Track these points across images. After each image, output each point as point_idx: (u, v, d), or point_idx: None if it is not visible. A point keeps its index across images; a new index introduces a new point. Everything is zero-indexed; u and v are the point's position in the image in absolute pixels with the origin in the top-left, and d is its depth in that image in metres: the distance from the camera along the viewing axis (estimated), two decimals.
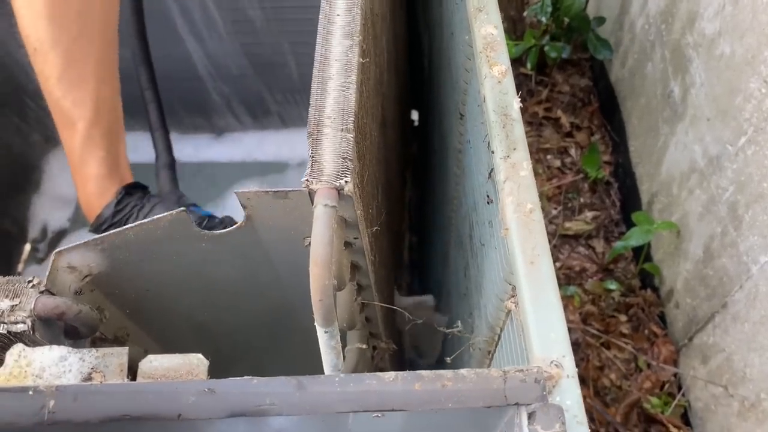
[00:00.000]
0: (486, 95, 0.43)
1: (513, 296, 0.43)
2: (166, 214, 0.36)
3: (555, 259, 1.46)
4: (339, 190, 0.39)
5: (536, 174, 1.59)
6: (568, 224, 1.50)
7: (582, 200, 1.55)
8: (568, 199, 1.54)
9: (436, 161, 1.05)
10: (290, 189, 0.38)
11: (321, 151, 0.40)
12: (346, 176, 0.39)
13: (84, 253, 0.37)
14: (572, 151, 1.61)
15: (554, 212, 1.53)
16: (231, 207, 1.54)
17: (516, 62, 1.71)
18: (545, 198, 1.54)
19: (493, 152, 0.41)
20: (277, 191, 0.38)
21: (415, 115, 1.59)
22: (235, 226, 0.41)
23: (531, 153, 1.59)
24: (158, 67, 1.39)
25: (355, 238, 0.44)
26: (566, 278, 1.43)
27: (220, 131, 1.72)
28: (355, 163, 0.41)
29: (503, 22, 1.73)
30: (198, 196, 1.58)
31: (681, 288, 1.26)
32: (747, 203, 1.02)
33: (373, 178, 0.55)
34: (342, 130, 0.41)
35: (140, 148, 1.04)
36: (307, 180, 0.39)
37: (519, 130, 0.41)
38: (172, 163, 0.77)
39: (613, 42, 1.57)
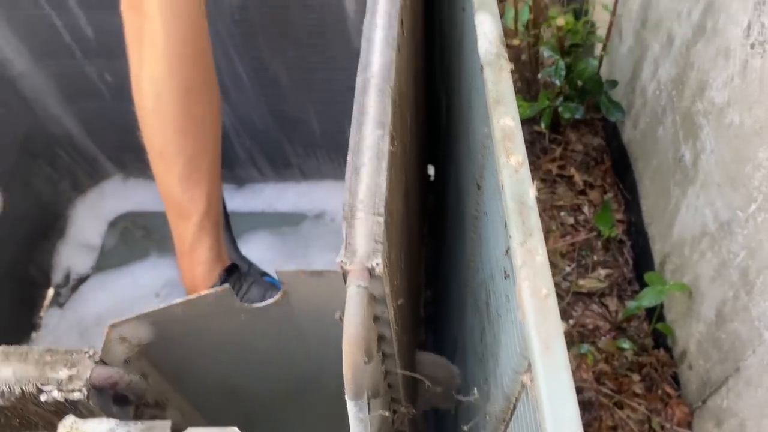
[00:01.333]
0: (504, 183, 0.46)
1: (528, 371, 0.45)
2: (211, 291, 0.40)
3: (569, 317, 1.47)
4: (370, 271, 0.42)
5: (550, 231, 1.62)
6: (581, 282, 1.52)
7: (595, 258, 1.57)
8: (581, 257, 1.57)
9: (451, 219, 1.09)
10: (325, 269, 0.41)
11: (354, 234, 0.44)
12: (377, 258, 0.42)
13: (136, 326, 0.40)
14: (585, 209, 1.64)
15: (568, 269, 1.55)
16: (249, 256, 1.58)
17: (530, 121, 1.76)
18: (559, 255, 1.56)
19: (510, 237, 0.44)
20: (314, 271, 0.41)
21: (431, 170, 1.64)
22: (272, 300, 0.44)
23: (545, 209, 1.63)
24: None
25: (382, 312, 0.47)
26: (580, 336, 1.44)
27: (242, 182, 1.77)
28: (385, 243, 0.45)
29: (518, 82, 1.79)
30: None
31: (694, 350, 1.27)
32: (758, 269, 1.04)
33: (398, 249, 0.58)
34: (374, 213, 0.44)
35: None
36: (341, 261, 0.42)
37: (534, 217, 0.44)
38: (228, 223, 0.84)
39: (625, 104, 1.62)
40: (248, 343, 0.45)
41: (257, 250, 1.62)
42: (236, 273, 0.75)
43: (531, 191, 0.45)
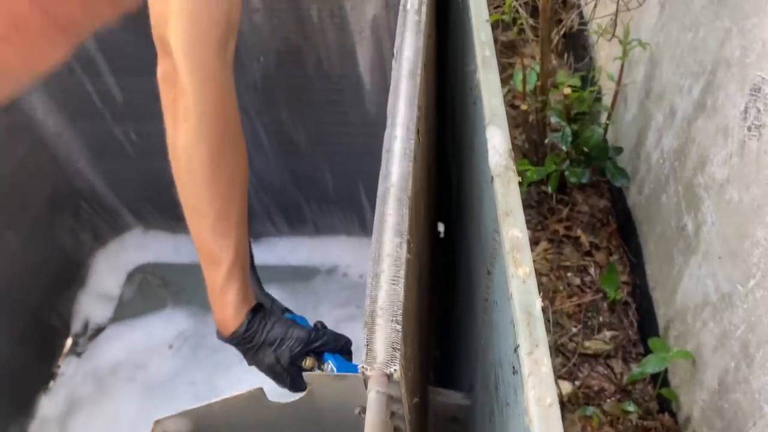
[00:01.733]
0: (513, 293, 0.51)
1: None
2: (244, 392, 0.44)
3: (575, 378, 1.50)
4: (389, 377, 0.47)
5: (557, 291, 1.66)
6: (587, 343, 1.55)
7: (601, 319, 1.60)
8: (587, 318, 1.60)
9: (463, 288, 1.13)
10: (348, 374, 0.46)
11: (374, 340, 0.48)
12: (395, 364, 0.47)
13: (177, 421, 0.45)
14: (591, 270, 1.68)
15: (574, 330, 1.58)
16: None
17: (538, 182, 1.82)
18: (566, 316, 1.60)
19: (518, 345, 0.49)
20: (337, 375, 0.46)
21: (441, 227, 1.68)
22: (299, 397, 0.48)
23: (552, 269, 1.67)
24: None
25: (398, 409, 0.52)
26: (585, 398, 1.46)
27: (258, 235, 1.83)
28: (403, 348, 0.49)
29: (525, 144, 1.84)
30: None
31: (698, 417, 1.29)
32: (758, 343, 1.07)
33: (412, 344, 0.62)
34: (392, 321, 0.49)
35: None
36: (362, 366, 0.47)
37: (540, 328, 0.49)
38: (253, 264, 0.91)
39: (630, 169, 1.67)
40: None
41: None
42: (261, 312, 0.83)
43: (537, 302, 0.50)
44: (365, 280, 1.63)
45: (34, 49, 0.83)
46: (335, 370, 0.78)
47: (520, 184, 1.69)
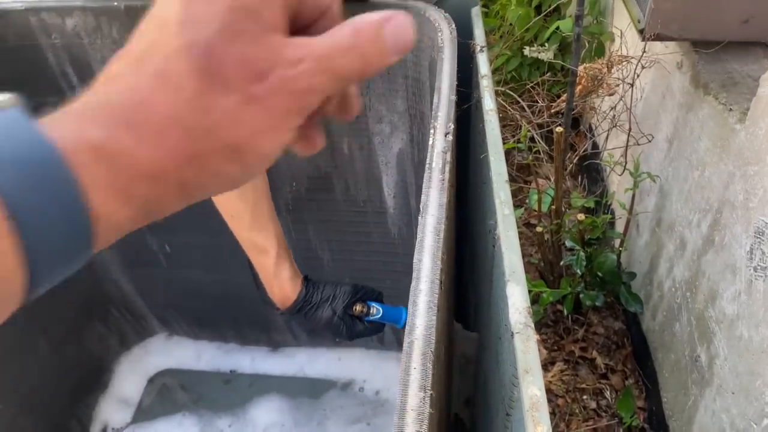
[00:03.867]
0: None
1: None
2: None
3: None
4: None
5: (573, 414, 1.66)
6: None
7: None
8: None
9: (482, 424, 1.15)
10: None
11: None
12: None
13: None
14: (607, 394, 1.68)
15: None
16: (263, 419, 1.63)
17: (554, 302, 1.86)
18: None
19: None
20: None
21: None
22: None
23: (568, 392, 1.67)
24: (230, 290, 1.58)
25: None
26: None
27: (277, 345, 1.87)
28: None
29: (540, 263, 1.90)
30: (250, 406, 1.68)
31: None
32: None
33: None
34: None
35: None
36: None
37: None
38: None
39: (643, 294, 1.71)
40: None
41: (271, 414, 1.69)
42: (310, 280, 1.01)
43: None
44: (380, 396, 1.64)
45: None
46: (380, 310, 1.03)
47: (536, 303, 1.73)
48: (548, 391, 1.71)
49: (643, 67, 1.60)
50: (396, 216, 1.50)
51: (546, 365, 1.74)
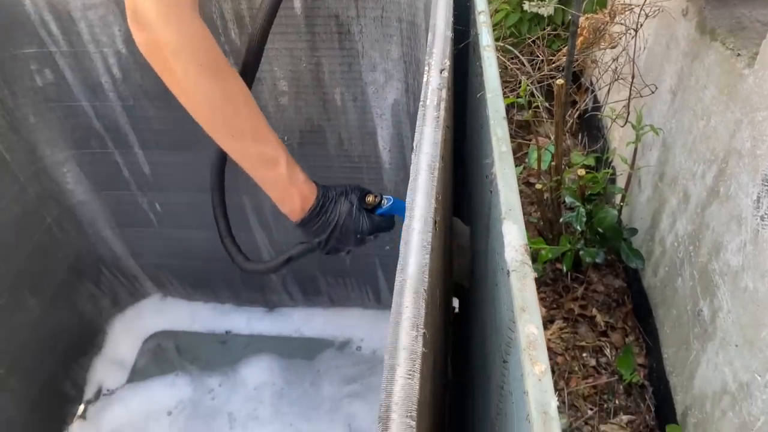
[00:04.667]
0: (528, 391, 0.52)
1: None
2: None
3: None
4: None
5: (572, 371, 1.64)
6: (603, 427, 1.52)
7: (617, 402, 1.57)
8: (603, 401, 1.57)
9: (477, 370, 1.12)
10: None
11: None
12: None
13: None
14: (607, 351, 1.66)
15: (590, 413, 1.55)
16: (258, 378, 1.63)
17: (553, 260, 1.82)
18: (581, 398, 1.57)
19: None
20: None
21: (455, 302, 1.69)
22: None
23: (567, 349, 1.65)
24: (223, 249, 1.55)
25: None
26: None
27: (273, 305, 1.84)
28: None
29: (540, 221, 1.86)
30: (241, 366, 1.67)
31: None
32: None
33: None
34: (407, 416, 0.50)
35: None
36: None
37: (557, 428, 0.49)
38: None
39: (644, 251, 1.68)
40: None
41: (262, 374, 1.68)
42: (324, 187, 1.02)
43: (553, 402, 0.51)
44: (377, 355, 1.62)
45: None
46: (390, 199, 1.07)
47: (535, 261, 1.71)
48: (547, 348, 1.69)
49: (647, 16, 1.54)
50: (392, 171, 1.45)
51: (545, 323, 1.72)
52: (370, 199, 1.06)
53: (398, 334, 0.56)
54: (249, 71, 1.02)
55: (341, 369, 1.68)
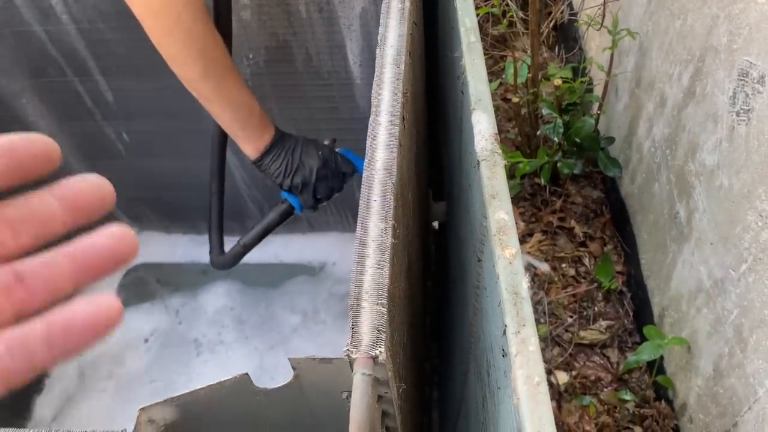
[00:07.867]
0: (499, 275, 0.51)
1: None
2: (230, 378, 0.44)
3: (571, 368, 1.50)
4: (374, 359, 0.47)
5: (552, 282, 1.66)
6: (583, 333, 1.55)
7: (596, 309, 1.60)
8: (582, 308, 1.60)
9: (455, 277, 1.13)
10: (334, 357, 0.46)
11: (359, 324, 0.48)
12: (380, 347, 0.47)
13: (162, 409, 0.45)
14: (586, 261, 1.68)
15: (570, 320, 1.58)
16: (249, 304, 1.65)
17: (531, 173, 1.82)
18: (561, 307, 1.60)
19: (506, 327, 0.49)
20: (323, 358, 0.46)
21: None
22: (284, 384, 0.48)
23: (547, 260, 1.67)
24: (197, 178, 1.52)
25: (385, 392, 0.52)
26: (582, 387, 1.46)
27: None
28: (388, 331, 0.49)
29: (518, 137, 1.85)
30: (227, 293, 1.68)
31: (693, 403, 1.29)
32: (751, 328, 1.07)
33: (401, 329, 0.62)
34: (377, 304, 0.49)
35: None
36: (347, 349, 0.47)
37: (528, 308, 0.49)
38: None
39: (622, 159, 1.67)
40: (264, 421, 0.50)
41: (219, 298, 1.70)
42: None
43: (524, 282, 0.50)
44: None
45: None
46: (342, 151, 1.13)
47: (513, 176, 1.69)
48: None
49: None
50: (364, 87, 1.41)
51: (524, 237, 1.73)
52: (327, 141, 1.14)
53: (367, 226, 0.55)
54: None
55: (317, 291, 1.70)
